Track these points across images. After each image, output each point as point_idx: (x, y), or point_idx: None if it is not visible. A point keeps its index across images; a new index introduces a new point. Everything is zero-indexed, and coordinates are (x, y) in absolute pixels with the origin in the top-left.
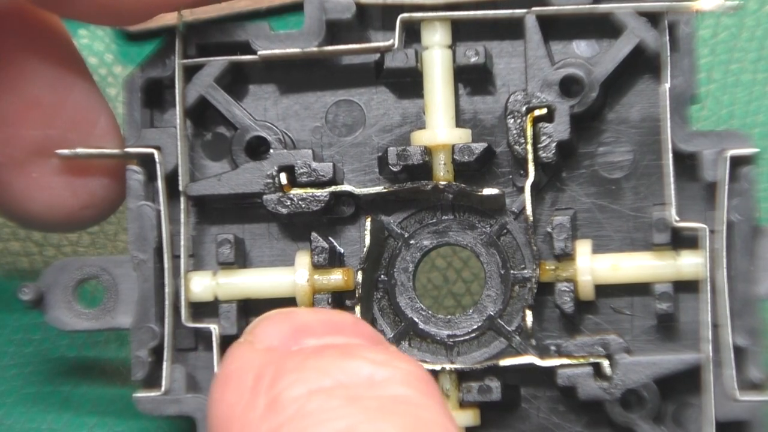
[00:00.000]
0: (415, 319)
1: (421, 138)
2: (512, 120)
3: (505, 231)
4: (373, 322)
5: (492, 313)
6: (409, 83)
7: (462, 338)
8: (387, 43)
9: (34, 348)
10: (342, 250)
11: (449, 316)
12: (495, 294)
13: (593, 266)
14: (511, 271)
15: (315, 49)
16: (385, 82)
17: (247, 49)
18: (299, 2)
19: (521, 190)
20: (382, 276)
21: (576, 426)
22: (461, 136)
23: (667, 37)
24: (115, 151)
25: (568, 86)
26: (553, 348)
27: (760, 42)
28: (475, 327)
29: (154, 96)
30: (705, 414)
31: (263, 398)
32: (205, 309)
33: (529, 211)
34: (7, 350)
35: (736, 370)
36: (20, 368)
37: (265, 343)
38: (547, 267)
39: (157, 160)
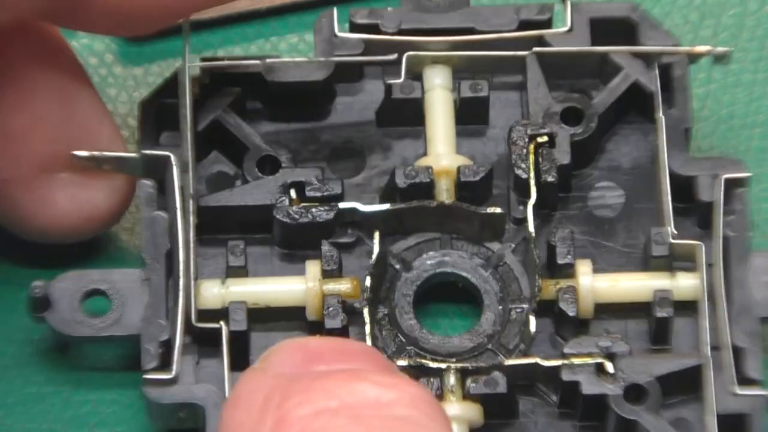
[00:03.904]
0: (415, 337)
1: (425, 163)
2: (514, 145)
3: (503, 263)
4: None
5: (490, 333)
6: (410, 132)
7: (460, 358)
8: (397, 82)
9: (34, 348)
10: None
11: (447, 338)
12: (493, 318)
13: (594, 284)
14: (510, 300)
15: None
16: (386, 130)
17: (258, 80)
18: (299, 2)
19: (518, 222)
20: (381, 308)
21: None
22: (463, 161)
23: (658, 82)
24: (132, 154)
25: (569, 117)
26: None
27: (761, 42)
28: (474, 346)
29: (165, 119)
30: (707, 409)
31: (271, 418)
32: (211, 318)
33: (531, 228)
34: (8, 350)
35: (735, 369)
36: (21, 368)
37: (277, 370)
38: (547, 284)
39: (173, 162)
